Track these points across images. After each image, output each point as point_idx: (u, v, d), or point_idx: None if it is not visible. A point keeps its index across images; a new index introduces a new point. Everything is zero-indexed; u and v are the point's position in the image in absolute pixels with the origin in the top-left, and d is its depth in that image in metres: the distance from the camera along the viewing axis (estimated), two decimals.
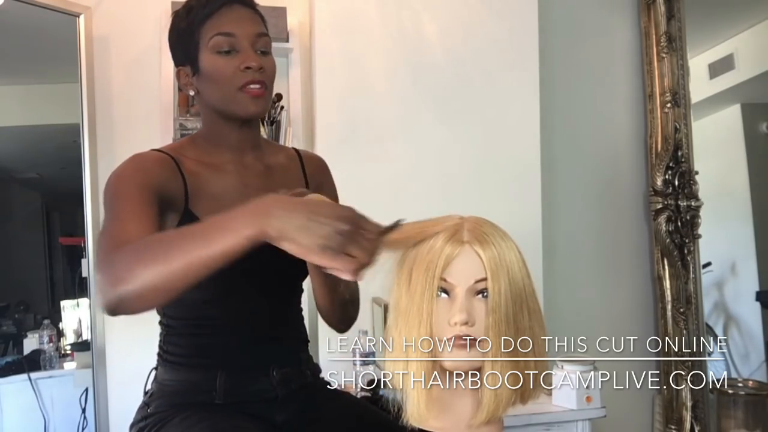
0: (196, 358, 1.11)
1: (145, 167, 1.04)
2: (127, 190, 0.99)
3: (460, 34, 2.08)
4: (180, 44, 1.13)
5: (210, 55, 1.08)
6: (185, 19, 1.10)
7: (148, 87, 2.04)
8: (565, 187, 2.31)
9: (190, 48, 1.10)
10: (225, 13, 1.08)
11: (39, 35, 2.05)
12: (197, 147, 1.14)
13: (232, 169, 1.14)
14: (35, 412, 1.99)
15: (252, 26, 1.10)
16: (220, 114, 1.12)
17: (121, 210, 0.96)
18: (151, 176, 1.03)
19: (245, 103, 1.08)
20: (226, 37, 1.07)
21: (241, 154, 1.15)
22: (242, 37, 1.08)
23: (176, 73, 1.15)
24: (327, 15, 2.03)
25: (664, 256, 2.32)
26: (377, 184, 2.00)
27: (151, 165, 1.05)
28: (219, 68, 1.07)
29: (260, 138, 1.21)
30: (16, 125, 2.20)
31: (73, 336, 2.17)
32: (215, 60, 1.08)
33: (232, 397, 1.09)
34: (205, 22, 1.08)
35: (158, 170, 1.05)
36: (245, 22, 1.09)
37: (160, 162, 1.07)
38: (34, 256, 2.30)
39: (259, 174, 1.15)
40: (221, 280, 1.01)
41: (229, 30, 1.08)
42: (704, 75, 2.73)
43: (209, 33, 1.08)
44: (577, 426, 1.75)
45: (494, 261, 0.88)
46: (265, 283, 1.11)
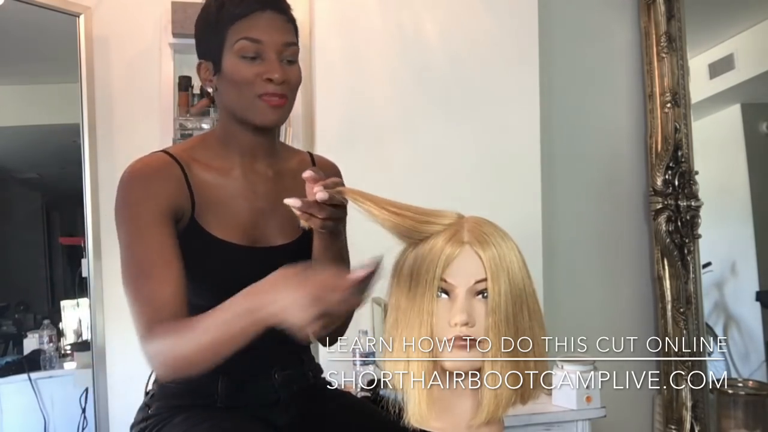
0: None
1: (154, 191, 1.02)
2: (143, 225, 1.00)
3: (460, 34, 2.08)
4: (205, 38, 1.10)
5: (234, 58, 1.05)
6: (215, 14, 1.07)
7: (148, 87, 2.04)
8: (565, 187, 2.31)
9: (214, 45, 1.07)
10: (256, 17, 1.05)
11: (39, 35, 2.05)
12: (208, 148, 1.12)
13: (241, 174, 1.11)
14: (35, 412, 2.00)
15: (281, 35, 1.06)
16: (235, 117, 1.09)
17: (144, 257, 0.99)
18: (161, 199, 1.02)
19: (263, 111, 1.06)
20: (252, 43, 1.04)
21: (252, 159, 1.12)
22: (269, 45, 1.05)
23: (197, 65, 1.12)
24: (327, 15, 2.03)
25: (664, 256, 2.32)
26: (377, 184, 1.97)
27: (158, 184, 1.03)
28: (241, 73, 1.04)
29: (276, 144, 1.18)
30: (16, 125, 2.20)
31: (73, 336, 2.17)
32: (238, 64, 1.05)
33: (233, 400, 1.09)
34: (234, 22, 1.05)
35: (166, 187, 1.03)
36: (275, 31, 1.06)
37: (167, 176, 1.04)
38: (34, 256, 2.30)
39: (267, 180, 1.13)
40: (222, 287, 1.02)
41: (257, 36, 1.04)
42: (704, 75, 2.73)
43: (236, 35, 1.05)
44: (577, 426, 1.75)
45: (494, 261, 0.88)
46: None
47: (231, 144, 1.11)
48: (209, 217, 1.07)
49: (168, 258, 1.00)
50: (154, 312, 0.96)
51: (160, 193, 1.02)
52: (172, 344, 0.93)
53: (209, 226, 1.07)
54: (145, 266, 0.99)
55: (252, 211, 1.11)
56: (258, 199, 1.12)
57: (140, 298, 0.98)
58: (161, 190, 1.02)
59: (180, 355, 0.92)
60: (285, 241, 1.12)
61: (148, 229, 1.00)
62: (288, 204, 0.95)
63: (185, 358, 0.92)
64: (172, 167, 1.06)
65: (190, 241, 1.05)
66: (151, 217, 1.00)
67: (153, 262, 0.99)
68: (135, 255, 1.00)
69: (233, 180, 1.11)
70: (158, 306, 0.96)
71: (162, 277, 0.98)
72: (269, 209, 1.12)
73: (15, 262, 2.23)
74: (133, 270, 1.00)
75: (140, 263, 0.99)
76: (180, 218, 1.05)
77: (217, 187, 1.09)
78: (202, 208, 1.07)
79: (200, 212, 1.06)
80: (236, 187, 1.11)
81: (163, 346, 0.94)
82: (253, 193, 1.11)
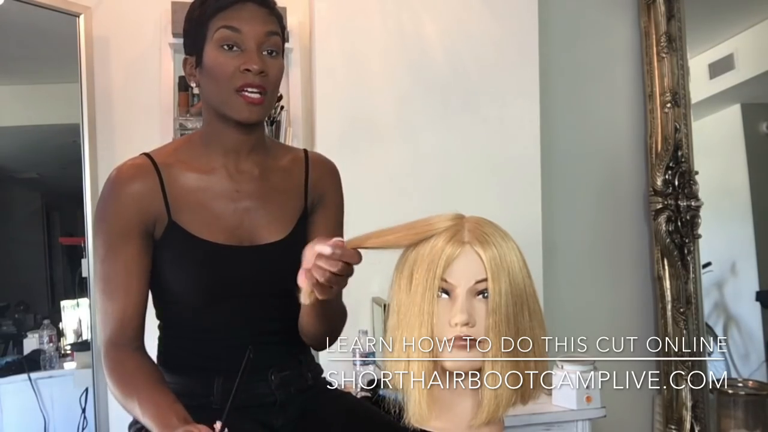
0: (194, 362, 1.10)
1: (125, 206, 1.06)
2: (113, 242, 1.06)
3: (460, 34, 2.08)
4: (190, 33, 1.10)
5: (214, 49, 1.05)
6: (198, 9, 1.08)
7: (148, 87, 2.04)
8: (565, 187, 2.31)
9: (198, 39, 1.08)
10: (238, 9, 1.06)
11: (39, 35, 2.05)
12: (193, 148, 1.12)
13: (225, 173, 1.11)
14: (35, 412, 1.99)
15: (262, 25, 1.06)
16: (217, 113, 1.09)
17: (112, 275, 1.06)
18: (131, 214, 1.06)
19: (240, 108, 1.05)
20: (231, 32, 1.04)
21: (236, 157, 1.11)
22: (249, 35, 1.05)
23: (183, 61, 1.12)
24: (327, 15, 2.03)
25: (664, 256, 2.32)
26: (377, 184, 2.00)
27: (129, 198, 1.06)
28: (219, 64, 1.05)
29: (264, 141, 1.17)
30: (16, 125, 2.20)
31: (73, 336, 2.17)
32: (217, 55, 1.05)
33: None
34: (216, 14, 1.06)
35: (137, 201, 1.06)
36: (255, 21, 1.06)
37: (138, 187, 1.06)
38: (34, 256, 2.30)
39: (253, 178, 1.12)
40: (217, 286, 1.01)
41: (236, 25, 1.05)
42: (704, 75, 2.73)
43: (216, 25, 1.05)
44: (577, 426, 1.75)
45: (495, 262, 0.88)
46: (261, 287, 1.10)
47: (214, 143, 1.11)
48: (189, 217, 1.07)
49: (133, 277, 1.06)
50: (113, 331, 1.06)
51: (130, 209, 1.06)
52: (110, 377, 1.04)
53: (190, 226, 1.07)
54: (112, 284, 1.06)
55: (236, 210, 1.10)
56: (242, 197, 1.11)
57: (104, 314, 1.07)
58: (131, 206, 1.06)
59: (112, 389, 1.04)
60: (274, 239, 1.12)
61: (117, 248, 1.06)
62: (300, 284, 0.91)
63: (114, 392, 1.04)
64: (147, 175, 1.07)
65: (173, 243, 1.06)
66: (121, 236, 1.05)
67: (118, 282, 1.06)
68: (104, 271, 1.07)
69: (216, 179, 1.10)
70: (117, 327, 1.05)
71: (125, 298, 1.05)
72: (255, 208, 1.11)
73: (15, 262, 2.23)
74: (101, 285, 1.07)
75: (108, 281, 1.06)
76: (156, 225, 1.07)
77: (198, 188, 1.09)
78: (182, 209, 1.07)
79: (179, 214, 1.07)
80: (219, 186, 1.10)
81: (107, 370, 1.04)
82: (236, 192, 1.11)
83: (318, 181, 1.19)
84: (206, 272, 1.07)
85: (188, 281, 1.07)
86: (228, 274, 1.07)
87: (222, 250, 1.07)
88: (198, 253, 1.07)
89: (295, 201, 1.16)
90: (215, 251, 1.07)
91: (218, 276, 1.07)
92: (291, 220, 1.14)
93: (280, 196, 1.15)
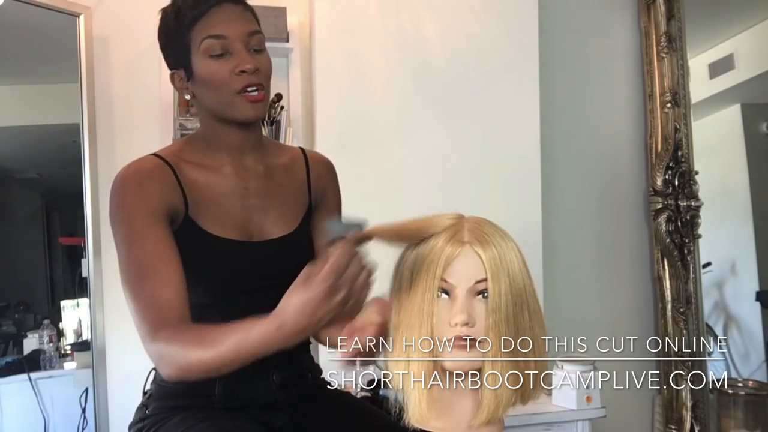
0: None
1: (147, 193, 1.02)
2: (140, 227, 1.00)
3: (460, 34, 2.08)
4: (170, 47, 1.10)
5: (203, 59, 1.05)
6: (173, 21, 1.07)
7: (148, 87, 2.04)
8: (565, 187, 2.31)
9: (181, 52, 1.07)
10: (215, 13, 1.05)
11: (39, 35, 2.05)
12: (196, 149, 1.13)
13: (232, 171, 1.12)
14: (35, 412, 1.99)
15: (243, 25, 1.07)
16: (217, 117, 1.10)
17: (143, 258, 0.98)
18: (155, 200, 1.02)
19: (244, 108, 1.06)
20: (217, 40, 1.05)
21: (240, 155, 1.13)
22: (234, 38, 1.05)
23: (170, 76, 1.12)
24: (327, 15, 2.03)
25: (664, 256, 2.32)
26: (377, 183, 2.00)
27: (151, 186, 1.03)
28: (213, 73, 1.05)
29: (262, 138, 1.19)
30: (16, 125, 2.20)
31: (73, 336, 2.17)
32: (209, 64, 1.05)
33: (230, 401, 1.08)
34: (194, 24, 1.05)
35: (159, 188, 1.04)
36: (236, 22, 1.06)
37: (158, 177, 1.05)
38: (34, 256, 2.30)
39: (259, 176, 1.14)
40: (219, 285, 1.01)
41: (221, 32, 1.05)
42: (704, 75, 2.73)
43: (200, 36, 1.05)
44: (577, 426, 1.75)
45: (495, 262, 0.88)
46: (264, 286, 1.09)
47: (217, 143, 1.12)
48: (203, 214, 1.07)
49: (167, 258, 0.99)
50: (158, 313, 0.95)
51: (153, 194, 1.03)
52: (186, 350, 0.92)
53: (204, 223, 1.07)
54: (145, 267, 0.98)
55: (245, 207, 1.11)
56: (250, 194, 1.12)
57: (142, 300, 0.97)
58: (154, 192, 1.03)
59: (197, 361, 0.91)
60: (282, 233, 1.13)
61: (144, 231, 1.00)
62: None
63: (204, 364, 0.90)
64: (163, 169, 1.07)
65: (187, 239, 1.05)
66: (147, 219, 1.01)
67: (152, 263, 0.98)
68: (134, 256, 1.00)
69: (224, 177, 1.12)
70: (162, 307, 0.96)
71: (163, 277, 0.98)
72: (263, 204, 1.13)
73: (15, 262, 2.23)
74: (134, 271, 0.99)
75: (140, 265, 0.99)
76: (174, 218, 1.05)
77: (208, 185, 1.10)
78: (196, 206, 1.07)
79: (194, 211, 1.07)
80: (228, 184, 1.11)
81: (173, 350, 0.93)
82: (245, 189, 1.12)
83: (319, 178, 1.22)
84: (220, 268, 1.08)
85: (201, 277, 1.06)
86: (239, 269, 1.08)
87: (234, 245, 1.08)
88: (212, 249, 1.07)
89: (299, 197, 1.18)
90: (229, 246, 1.08)
91: (231, 271, 1.08)
92: (296, 215, 1.16)
93: (285, 193, 1.16)
